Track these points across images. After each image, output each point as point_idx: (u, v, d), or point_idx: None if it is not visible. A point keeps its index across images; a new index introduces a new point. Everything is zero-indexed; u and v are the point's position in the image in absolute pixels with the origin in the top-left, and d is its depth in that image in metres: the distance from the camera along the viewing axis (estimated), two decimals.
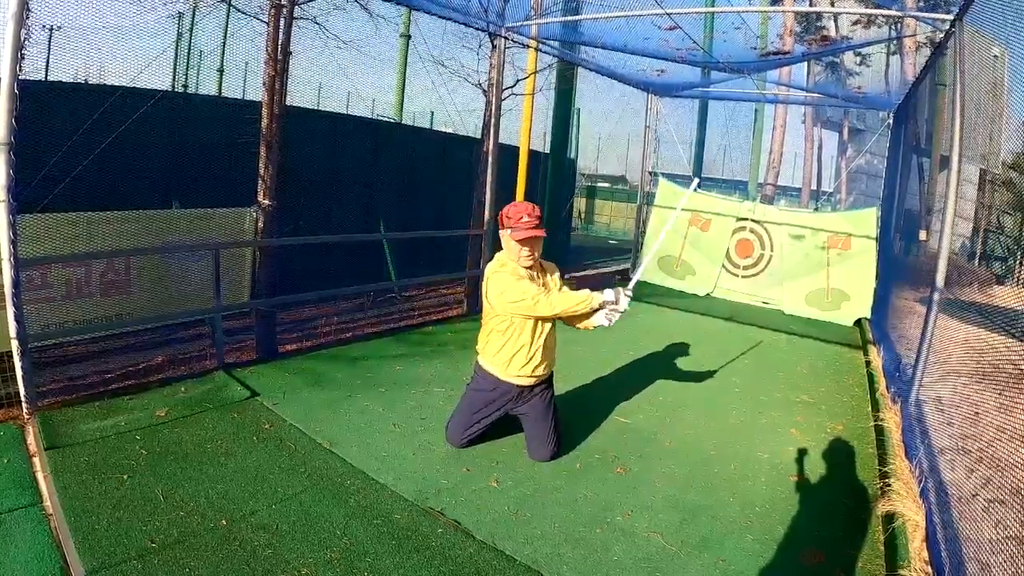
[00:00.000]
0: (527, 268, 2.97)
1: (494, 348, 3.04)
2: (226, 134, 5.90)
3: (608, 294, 2.93)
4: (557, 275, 3.18)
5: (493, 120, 6.24)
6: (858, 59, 16.59)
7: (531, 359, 3.02)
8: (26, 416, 3.13)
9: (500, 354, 3.03)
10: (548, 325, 3.05)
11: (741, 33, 6.01)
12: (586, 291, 2.91)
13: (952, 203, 3.79)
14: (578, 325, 3.09)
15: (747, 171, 17.24)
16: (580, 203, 18.90)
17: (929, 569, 2.30)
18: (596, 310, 2.94)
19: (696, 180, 4.01)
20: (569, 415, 3.59)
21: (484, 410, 3.13)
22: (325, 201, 7.74)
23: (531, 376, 3.06)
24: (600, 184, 22.11)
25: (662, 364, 4.89)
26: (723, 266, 8.27)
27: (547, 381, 3.19)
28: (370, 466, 2.93)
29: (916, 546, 2.44)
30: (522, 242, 2.88)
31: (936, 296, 3.78)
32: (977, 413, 3.34)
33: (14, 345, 3.11)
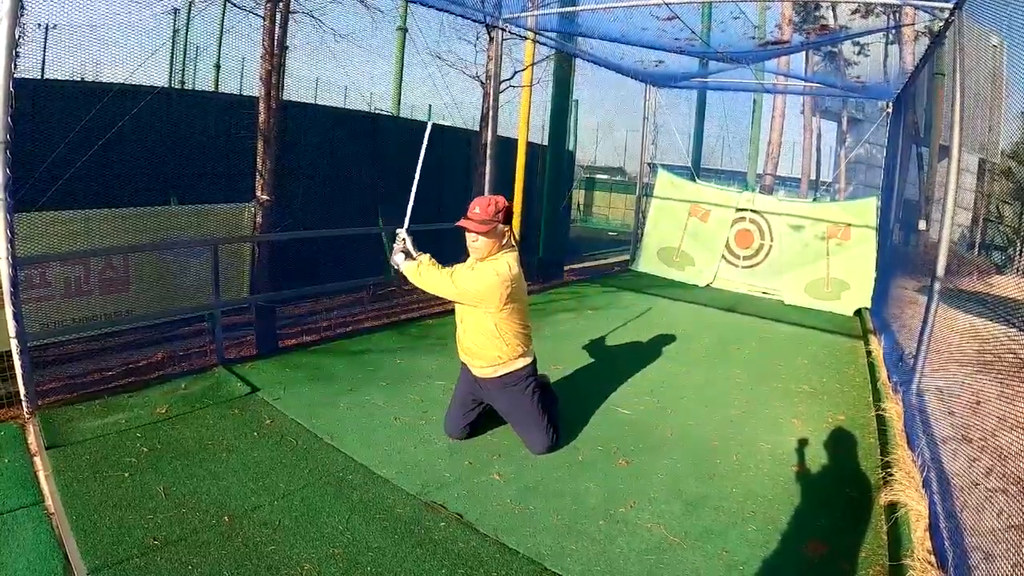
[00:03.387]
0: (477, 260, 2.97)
1: None
2: (224, 129, 5.89)
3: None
4: (503, 259, 2.94)
5: (491, 112, 6.22)
6: (856, 49, 16.53)
7: (459, 342, 3.15)
8: (26, 415, 3.13)
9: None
10: (463, 312, 3.07)
11: (739, 23, 5.98)
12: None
13: (952, 192, 3.78)
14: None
15: (746, 162, 17.16)
16: (579, 195, 18.82)
17: (932, 558, 2.30)
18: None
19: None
20: (570, 407, 3.59)
21: (461, 396, 3.21)
22: (323, 195, 7.71)
23: (471, 363, 3.11)
24: (599, 176, 22.01)
25: (663, 355, 4.89)
26: (723, 257, 8.25)
27: (505, 380, 3.07)
28: (372, 460, 2.93)
29: (919, 535, 2.44)
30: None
31: (937, 285, 3.77)
32: (978, 402, 3.34)
33: (13, 344, 3.11)
